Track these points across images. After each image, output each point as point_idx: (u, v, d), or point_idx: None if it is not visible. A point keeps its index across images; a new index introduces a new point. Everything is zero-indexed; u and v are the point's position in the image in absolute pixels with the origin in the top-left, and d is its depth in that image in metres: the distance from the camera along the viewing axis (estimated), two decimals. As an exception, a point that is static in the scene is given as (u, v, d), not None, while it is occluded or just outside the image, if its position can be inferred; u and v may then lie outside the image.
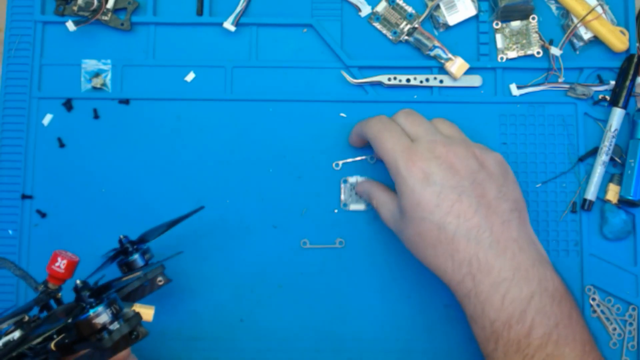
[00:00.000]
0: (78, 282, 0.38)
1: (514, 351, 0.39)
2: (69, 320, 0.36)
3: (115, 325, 0.37)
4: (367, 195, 0.49)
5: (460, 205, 0.40)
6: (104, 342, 0.37)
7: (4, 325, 0.37)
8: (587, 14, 0.51)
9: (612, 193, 0.50)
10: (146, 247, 0.46)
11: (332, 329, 0.50)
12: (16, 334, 0.37)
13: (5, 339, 0.36)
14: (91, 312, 0.37)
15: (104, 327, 0.37)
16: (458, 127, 0.47)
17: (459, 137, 0.45)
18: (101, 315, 0.37)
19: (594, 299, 0.49)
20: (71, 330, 0.37)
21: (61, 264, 0.40)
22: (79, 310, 0.37)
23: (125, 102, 0.52)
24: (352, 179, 0.51)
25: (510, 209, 0.42)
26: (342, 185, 0.51)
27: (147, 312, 0.40)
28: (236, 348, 0.49)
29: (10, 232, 0.51)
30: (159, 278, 0.45)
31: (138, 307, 0.40)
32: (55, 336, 0.37)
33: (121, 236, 0.45)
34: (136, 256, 0.44)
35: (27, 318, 0.38)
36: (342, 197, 0.51)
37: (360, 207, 0.51)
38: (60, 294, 0.41)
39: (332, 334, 0.50)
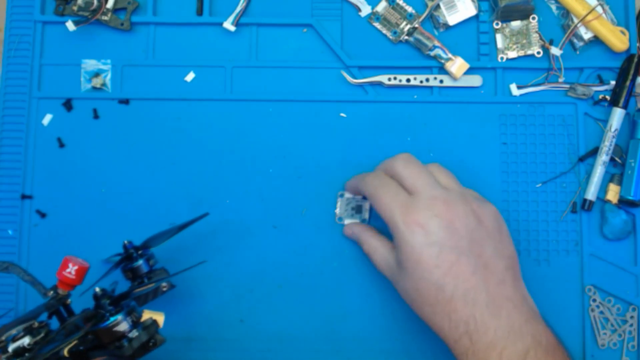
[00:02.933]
0: (97, 289, 0.38)
1: None
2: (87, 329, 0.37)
3: (134, 333, 0.37)
4: (357, 239, 0.49)
5: (458, 266, 0.41)
6: (124, 350, 0.37)
7: (13, 331, 0.37)
8: (587, 14, 0.51)
9: (613, 193, 0.50)
10: (150, 252, 0.46)
11: (332, 329, 0.50)
12: (26, 340, 0.37)
13: (14, 345, 0.36)
14: (112, 320, 0.37)
15: (123, 335, 0.37)
16: (453, 175, 0.46)
17: (456, 189, 0.45)
18: (121, 324, 0.37)
19: (594, 299, 0.49)
20: (86, 337, 0.37)
21: (72, 269, 0.40)
22: (99, 318, 0.37)
23: (125, 102, 0.52)
24: (349, 194, 0.51)
25: (505, 267, 0.42)
26: (339, 200, 0.51)
27: (157, 319, 0.40)
28: (236, 348, 0.49)
29: (10, 232, 0.51)
30: (163, 284, 0.45)
31: (148, 314, 0.40)
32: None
33: (125, 241, 0.45)
34: (141, 262, 0.44)
35: (36, 324, 0.38)
36: (337, 210, 0.51)
37: (354, 222, 0.50)
38: (69, 300, 0.41)
39: (332, 334, 0.50)
